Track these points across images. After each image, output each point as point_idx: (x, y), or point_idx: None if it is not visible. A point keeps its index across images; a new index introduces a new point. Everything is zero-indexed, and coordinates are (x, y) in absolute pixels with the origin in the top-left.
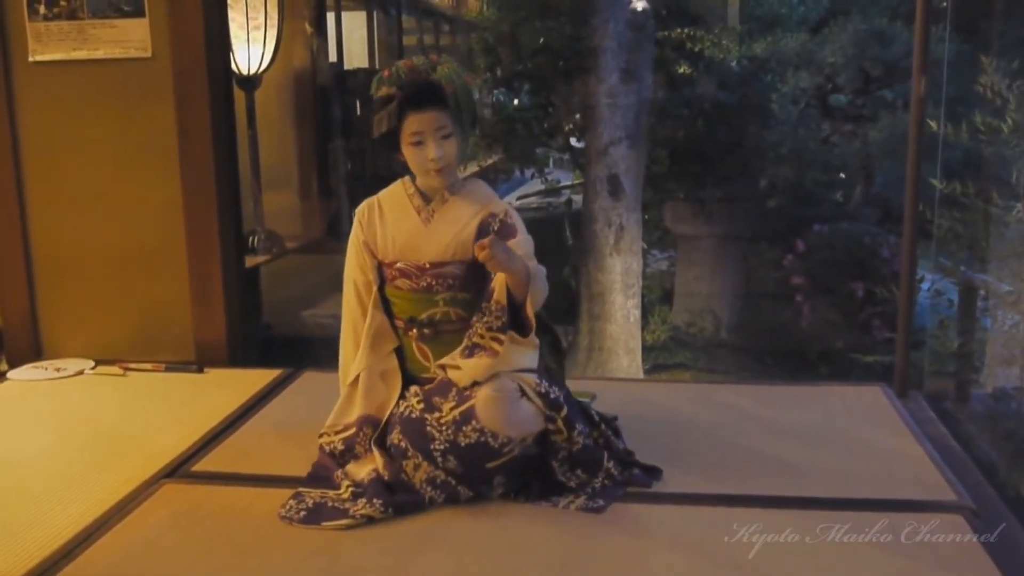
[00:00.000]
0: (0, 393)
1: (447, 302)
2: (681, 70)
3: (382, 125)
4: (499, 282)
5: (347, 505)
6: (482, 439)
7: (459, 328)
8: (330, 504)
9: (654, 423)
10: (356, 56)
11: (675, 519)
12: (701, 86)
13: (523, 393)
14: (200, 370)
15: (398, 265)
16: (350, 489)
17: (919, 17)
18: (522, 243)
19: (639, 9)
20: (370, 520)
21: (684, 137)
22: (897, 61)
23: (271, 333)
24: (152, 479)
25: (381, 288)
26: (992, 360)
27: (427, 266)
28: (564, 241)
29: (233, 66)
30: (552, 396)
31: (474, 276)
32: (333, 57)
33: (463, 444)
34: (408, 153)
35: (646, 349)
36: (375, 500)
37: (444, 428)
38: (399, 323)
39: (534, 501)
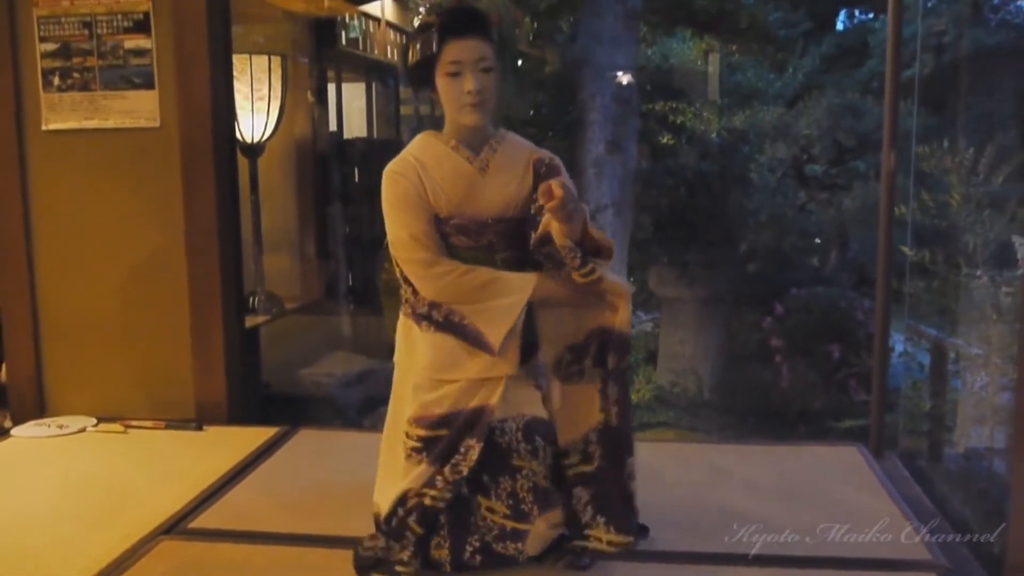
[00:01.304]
0: (4, 449)
1: (504, 261)
2: (664, 141)
3: (418, 52)
4: (554, 229)
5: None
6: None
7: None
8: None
9: (639, 481)
10: (355, 125)
11: None
12: (683, 156)
13: None
14: (200, 428)
15: (454, 221)
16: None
17: (888, 93)
18: (569, 186)
19: (624, 84)
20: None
21: (667, 204)
22: (869, 133)
23: (270, 391)
24: (150, 535)
25: None
26: (964, 420)
27: (489, 221)
28: None
29: (237, 134)
30: None
31: (522, 234)
32: (333, 126)
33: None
34: (443, 85)
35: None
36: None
37: None
38: None
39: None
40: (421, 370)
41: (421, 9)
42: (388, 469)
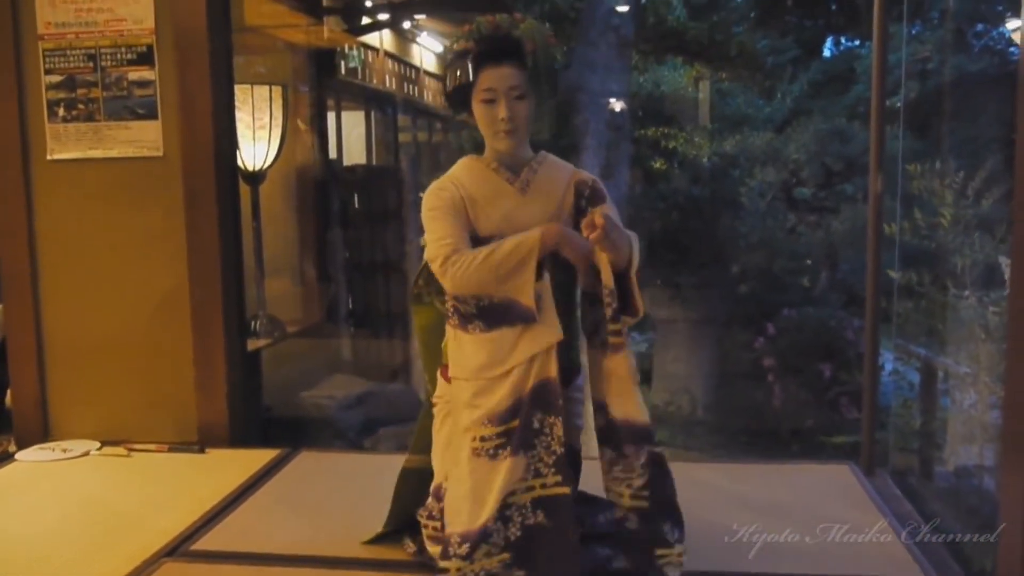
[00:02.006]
0: (8, 473)
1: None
2: (656, 166)
3: (455, 78)
4: (601, 260)
5: None
6: None
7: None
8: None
9: None
10: (355, 152)
11: None
12: (675, 180)
13: None
14: (202, 450)
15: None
16: None
17: (875, 118)
18: (613, 212)
19: (617, 110)
20: None
21: (660, 227)
22: (856, 157)
23: (271, 414)
24: (153, 558)
25: None
26: (953, 438)
27: None
28: None
29: (239, 162)
30: None
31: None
32: (333, 153)
33: None
34: (478, 111)
35: None
36: None
37: None
38: None
39: None
40: (476, 372)
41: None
42: (460, 487)
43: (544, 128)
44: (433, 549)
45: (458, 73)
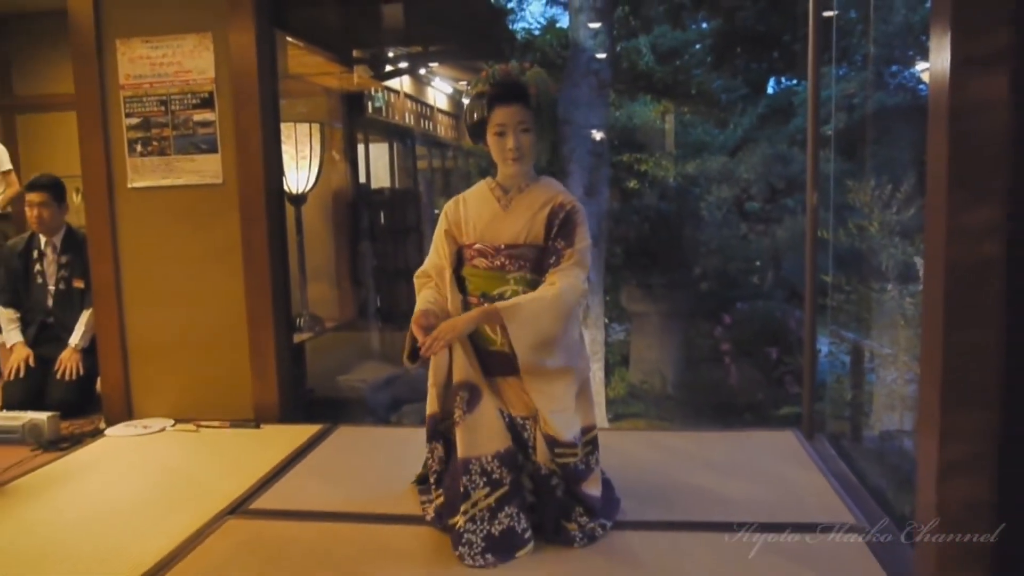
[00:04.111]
0: (99, 446)
1: (517, 281)
2: (631, 185)
3: (473, 115)
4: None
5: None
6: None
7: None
8: (495, 531)
9: (615, 463)
10: (380, 178)
11: (634, 543)
12: (646, 198)
13: None
14: (257, 426)
15: (476, 246)
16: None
17: (810, 144)
18: (578, 242)
19: (598, 139)
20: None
21: (635, 237)
22: (796, 176)
23: (313, 395)
24: (218, 516)
25: (457, 270)
26: (878, 408)
27: (502, 247)
28: None
29: (285, 187)
30: None
31: (541, 260)
32: (363, 179)
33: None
34: (491, 142)
35: (608, 402)
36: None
37: None
38: (472, 300)
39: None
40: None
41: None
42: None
43: (544, 154)
44: None
45: (475, 111)
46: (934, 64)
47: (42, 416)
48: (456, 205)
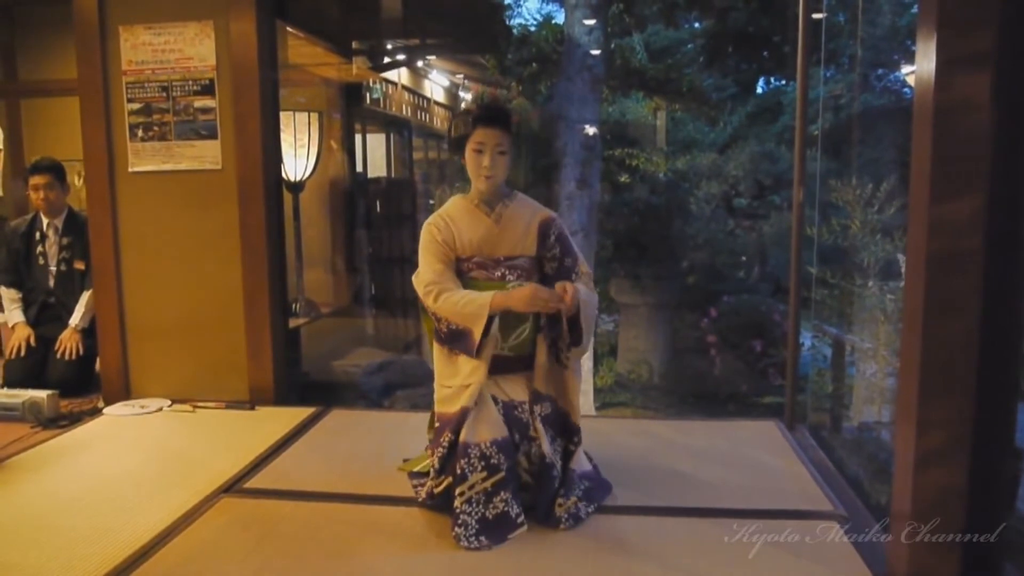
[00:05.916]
0: (98, 425)
1: (513, 289)
2: (622, 180)
3: (458, 129)
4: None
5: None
6: None
7: (523, 314)
8: (489, 514)
9: (603, 450)
10: (377, 167)
11: (620, 526)
12: (637, 192)
13: None
14: (252, 408)
15: (475, 259)
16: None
17: (797, 142)
18: (581, 260)
19: (590, 134)
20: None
21: (625, 229)
22: (782, 174)
23: (308, 378)
24: (214, 494)
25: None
26: (858, 400)
27: (501, 259)
28: None
29: (283, 174)
30: None
31: (536, 268)
32: (360, 168)
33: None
34: (469, 157)
35: (597, 391)
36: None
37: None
38: None
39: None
40: (439, 379)
41: (466, 96)
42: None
43: (518, 173)
44: None
45: (460, 126)
46: (920, 64)
47: (42, 394)
48: (445, 223)
